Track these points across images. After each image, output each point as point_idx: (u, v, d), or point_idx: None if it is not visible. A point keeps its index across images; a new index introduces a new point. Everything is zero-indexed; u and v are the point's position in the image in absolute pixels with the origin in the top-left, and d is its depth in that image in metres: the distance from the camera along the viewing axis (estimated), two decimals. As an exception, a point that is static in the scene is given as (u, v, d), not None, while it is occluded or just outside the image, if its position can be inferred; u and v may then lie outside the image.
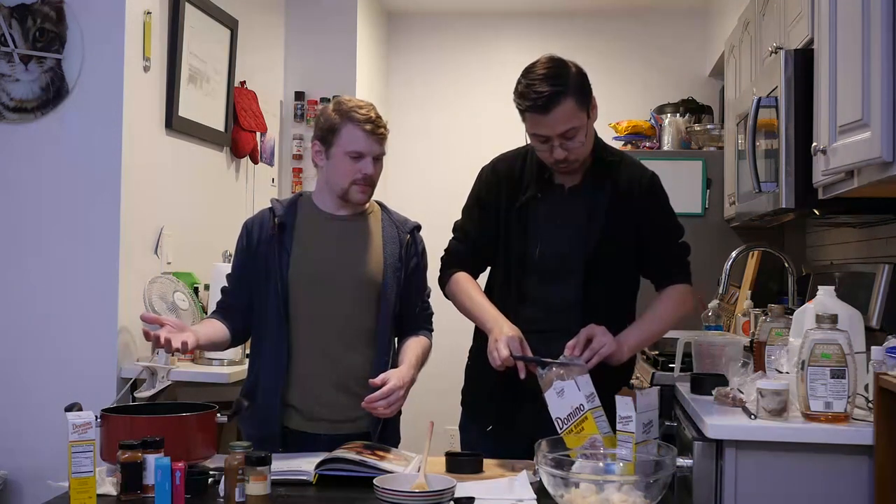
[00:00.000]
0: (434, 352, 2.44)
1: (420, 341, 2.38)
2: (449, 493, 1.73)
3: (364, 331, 2.30)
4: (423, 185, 5.48)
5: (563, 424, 2.01)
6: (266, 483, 1.71)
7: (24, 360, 3.11)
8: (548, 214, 2.30)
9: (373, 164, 2.28)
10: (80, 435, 1.75)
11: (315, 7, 4.89)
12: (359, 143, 2.26)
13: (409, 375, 2.24)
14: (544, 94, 2.12)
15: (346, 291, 2.29)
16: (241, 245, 2.38)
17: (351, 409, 2.26)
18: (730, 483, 2.09)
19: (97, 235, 3.09)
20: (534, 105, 2.14)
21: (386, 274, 2.31)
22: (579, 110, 2.17)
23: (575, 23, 5.37)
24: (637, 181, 2.32)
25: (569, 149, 2.19)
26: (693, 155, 4.21)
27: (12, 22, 3.13)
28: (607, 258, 2.27)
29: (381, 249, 2.33)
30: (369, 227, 2.36)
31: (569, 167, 2.25)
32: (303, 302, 2.28)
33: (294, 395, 2.28)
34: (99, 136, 3.11)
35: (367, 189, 2.30)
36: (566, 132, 2.16)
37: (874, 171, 1.97)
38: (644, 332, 2.30)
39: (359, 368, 2.28)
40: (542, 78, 2.14)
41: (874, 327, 2.54)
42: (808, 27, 2.62)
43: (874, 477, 2.00)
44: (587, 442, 1.98)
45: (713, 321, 3.10)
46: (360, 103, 2.29)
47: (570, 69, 2.19)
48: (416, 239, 2.41)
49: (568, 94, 2.14)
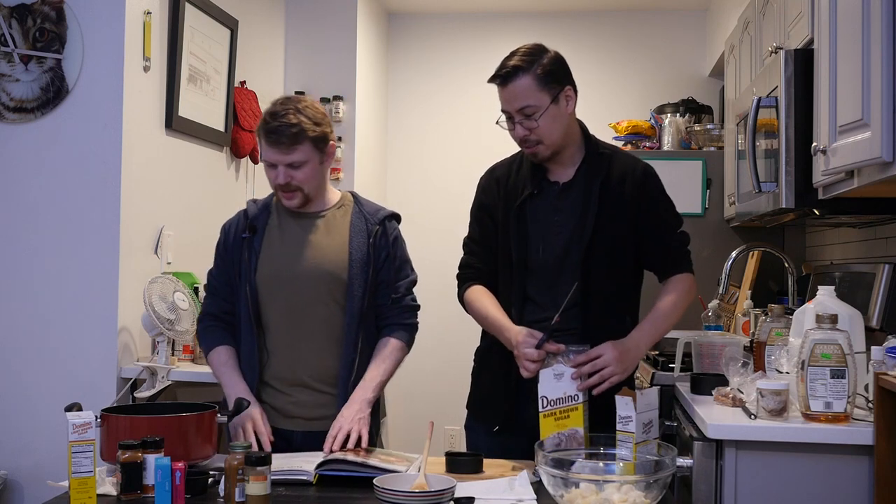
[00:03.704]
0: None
1: (386, 350, 2.33)
2: (449, 493, 1.73)
3: (333, 327, 2.29)
4: (423, 185, 5.48)
5: (548, 405, 2.02)
6: (266, 483, 1.71)
7: (24, 360, 3.11)
8: (544, 212, 2.31)
9: (286, 172, 2.23)
10: (80, 435, 1.75)
11: (315, 7, 4.89)
12: (266, 153, 2.25)
13: (354, 409, 2.20)
14: (506, 67, 2.25)
15: (309, 290, 2.28)
16: (220, 249, 2.39)
17: (324, 407, 2.27)
18: (730, 483, 2.09)
19: (97, 235, 3.09)
20: (495, 76, 2.27)
21: (352, 269, 2.29)
22: (539, 90, 2.23)
23: (575, 23, 5.37)
24: (630, 172, 2.33)
25: (529, 128, 2.24)
26: (693, 155, 4.20)
27: (12, 22, 3.13)
28: (605, 251, 2.27)
29: (346, 244, 2.31)
30: (337, 222, 2.34)
31: (534, 149, 2.27)
32: (271, 303, 2.29)
33: (268, 393, 2.29)
34: (99, 136, 3.11)
35: (291, 195, 2.27)
36: (523, 108, 2.23)
37: (874, 171, 1.97)
38: (655, 332, 2.27)
39: (329, 367, 2.28)
40: (513, 55, 2.27)
41: (874, 327, 2.54)
42: (808, 27, 2.62)
43: (874, 477, 2.00)
44: (567, 432, 1.99)
45: (713, 321, 3.10)
46: (275, 109, 2.23)
47: (544, 54, 2.26)
48: (387, 229, 2.38)
49: (528, 72, 2.22)
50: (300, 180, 2.25)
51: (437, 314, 5.57)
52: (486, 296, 2.34)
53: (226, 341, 2.33)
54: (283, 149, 2.21)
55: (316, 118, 2.25)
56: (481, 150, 5.27)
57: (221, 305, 2.36)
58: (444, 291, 3.19)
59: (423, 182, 5.49)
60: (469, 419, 2.45)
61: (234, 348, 2.32)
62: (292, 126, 2.20)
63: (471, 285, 2.38)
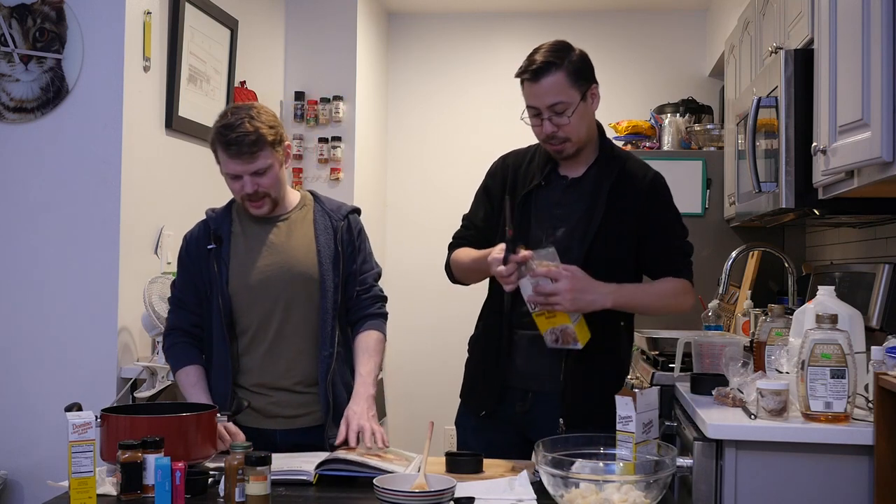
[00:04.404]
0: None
1: (371, 344, 2.33)
2: (449, 493, 1.73)
3: (309, 327, 2.29)
4: (423, 185, 5.48)
5: (535, 307, 2.15)
6: (266, 483, 1.71)
7: (24, 360, 3.11)
8: (547, 205, 2.32)
9: (253, 181, 2.23)
10: (80, 435, 1.75)
11: (315, 7, 4.89)
12: (228, 165, 2.24)
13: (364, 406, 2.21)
14: (538, 62, 2.21)
15: (284, 294, 2.28)
16: (183, 261, 2.37)
17: (304, 406, 2.28)
18: (730, 483, 2.09)
19: (97, 235, 3.09)
20: (526, 71, 2.23)
21: (322, 267, 2.29)
22: (570, 87, 2.22)
23: (575, 23, 5.37)
24: (640, 177, 2.33)
25: (558, 124, 2.23)
26: (693, 155, 4.20)
27: (12, 22, 3.13)
28: (606, 250, 2.27)
29: (313, 243, 2.31)
30: (300, 222, 2.34)
31: (561, 147, 2.27)
32: (245, 312, 2.28)
33: (248, 396, 2.28)
34: (99, 136, 3.11)
35: (259, 203, 2.27)
36: (554, 105, 2.21)
37: (874, 171, 1.97)
38: (627, 298, 2.26)
39: (308, 368, 2.29)
40: (542, 50, 2.24)
41: (874, 327, 2.54)
42: (808, 27, 2.62)
43: (874, 477, 2.00)
44: (559, 328, 2.13)
45: (713, 321, 3.10)
46: (230, 120, 2.21)
47: (572, 50, 2.26)
48: (351, 223, 2.38)
49: (561, 68, 2.21)
50: (266, 186, 2.24)
51: (437, 314, 5.59)
52: (464, 249, 2.38)
53: (194, 360, 2.31)
54: (246, 158, 2.20)
55: (270, 122, 2.24)
56: (481, 149, 5.28)
57: (190, 318, 2.34)
58: (444, 292, 3.19)
59: (423, 182, 5.49)
60: (460, 410, 2.47)
61: (203, 367, 2.30)
62: (249, 134, 2.19)
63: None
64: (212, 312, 2.29)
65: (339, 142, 4.84)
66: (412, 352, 5.29)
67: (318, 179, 4.83)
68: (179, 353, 2.33)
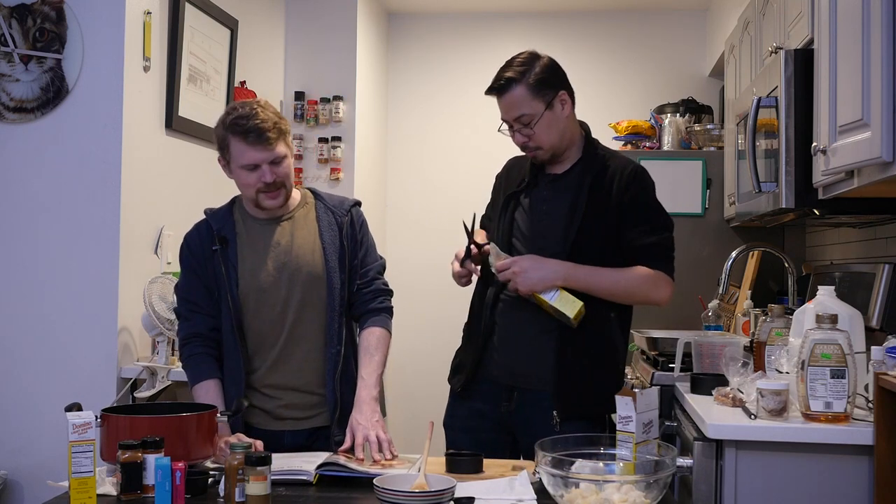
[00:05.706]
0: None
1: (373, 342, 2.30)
2: (449, 493, 1.73)
3: (318, 326, 2.28)
4: (423, 185, 5.48)
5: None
6: (266, 483, 1.71)
7: (24, 360, 3.11)
8: (537, 201, 2.39)
9: (272, 170, 2.20)
10: (80, 435, 1.75)
11: (315, 7, 4.89)
12: (247, 155, 2.19)
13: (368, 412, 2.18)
14: (500, 79, 2.33)
15: (294, 296, 2.26)
16: (189, 263, 2.31)
17: (313, 407, 2.28)
18: (730, 483, 2.09)
19: (97, 235, 3.09)
20: (490, 87, 2.36)
21: (328, 264, 2.28)
22: (532, 99, 2.30)
23: (575, 23, 5.37)
24: (621, 170, 2.35)
25: (528, 135, 2.33)
26: (693, 155, 4.20)
27: (12, 22, 3.13)
28: (591, 245, 2.29)
29: (318, 242, 2.30)
30: (304, 221, 2.32)
31: (535, 153, 2.37)
32: (255, 313, 2.26)
33: (257, 398, 2.27)
34: (99, 136, 3.11)
35: (275, 193, 2.23)
36: (520, 117, 2.32)
37: (874, 171, 1.97)
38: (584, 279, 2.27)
39: (317, 367, 2.28)
40: (508, 66, 2.34)
41: (874, 327, 2.54)
42: (808, 27, 2.62)
43: (874, 477, 2.00)
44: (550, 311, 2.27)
45: (713, 321, 3.10)
46: (243, 111, 2.18)
47: (537, 61, 2.32)
48: (354, 216, 2.36)
49: (521, 83, 2.30)
50: (283, 175, 2.23)
51: (437, 314, 5.58)
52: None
53: (213, 374, 2.26)
54: (266, 145, 2.17)
55: (278, 113, 2.25)
56: (480, 149, 5.28)
57: (207, 322, 2.28)
58: (445, 291, 3.19)
59: (423, 182, 5.49)
60: (447, 414, 2.50)
61: (221, 380, 2.26)
62: (267, 121, 2.18)
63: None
64: (220, 315, 2.28)
65: (339, 142, 4.84)
66: (412, 351, 5.29)
67: (318, 179, 4.82)
68: (197, 364, 2.27)
